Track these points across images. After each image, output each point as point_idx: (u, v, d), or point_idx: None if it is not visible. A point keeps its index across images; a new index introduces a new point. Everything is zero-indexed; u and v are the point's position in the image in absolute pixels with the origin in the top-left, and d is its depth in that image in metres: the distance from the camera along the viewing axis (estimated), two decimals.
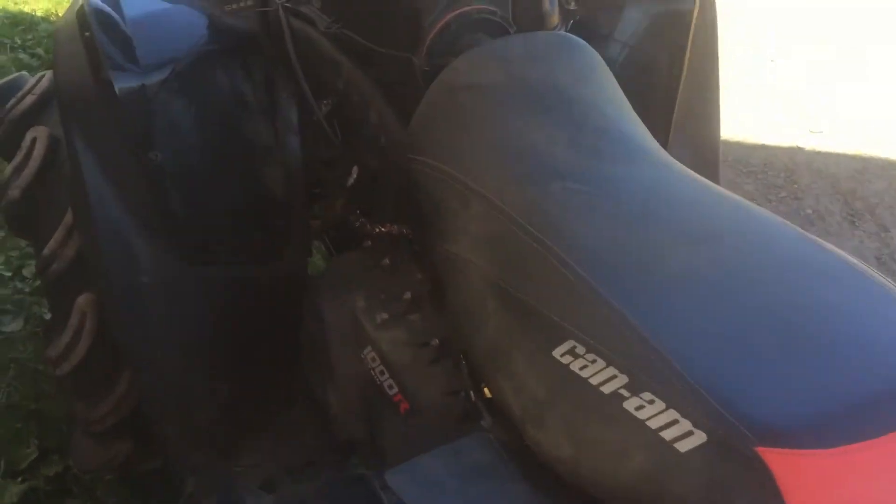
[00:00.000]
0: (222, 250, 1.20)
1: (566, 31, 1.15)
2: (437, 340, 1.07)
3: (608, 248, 0.78)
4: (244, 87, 1.19)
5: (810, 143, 2.71)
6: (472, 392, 0.95)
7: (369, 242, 1.27)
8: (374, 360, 1.11)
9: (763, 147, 2.69)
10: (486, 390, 0.94)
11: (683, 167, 0.92)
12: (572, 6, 1.16)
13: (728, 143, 2.65)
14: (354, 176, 1.25)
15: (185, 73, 1.12)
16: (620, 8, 1.35)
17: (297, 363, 1.32)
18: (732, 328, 0.68)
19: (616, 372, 0.68)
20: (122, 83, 1.07)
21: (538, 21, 1.09)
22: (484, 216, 0.89)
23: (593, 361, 0.70)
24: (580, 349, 0.71)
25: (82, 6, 1.09)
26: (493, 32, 1.04)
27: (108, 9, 1.09)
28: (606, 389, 0.68)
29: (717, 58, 1.44)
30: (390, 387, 1.08)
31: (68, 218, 1.22)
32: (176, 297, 1.19)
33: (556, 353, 0.73)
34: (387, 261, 1.19)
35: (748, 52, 3.20)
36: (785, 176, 2.56)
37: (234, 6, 1.19)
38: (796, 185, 2.52)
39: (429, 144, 0.98)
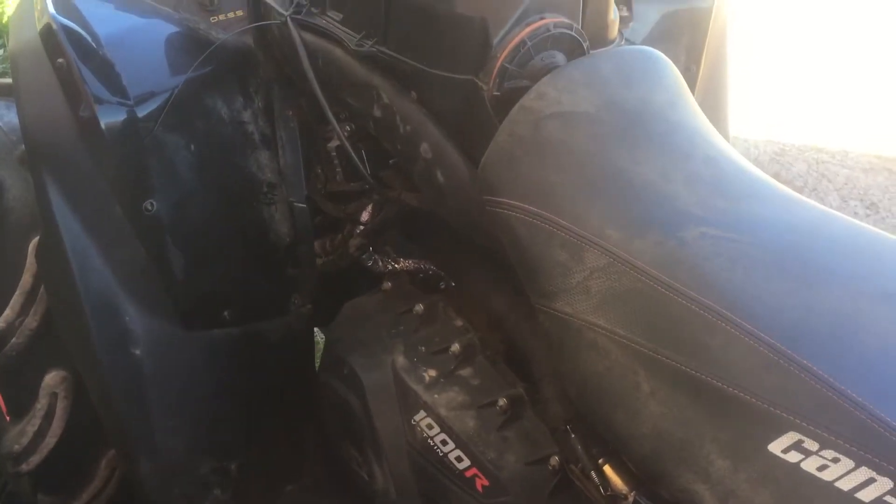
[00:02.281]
0: (227, 309, 1.01)
1: (623, 40, 1.03)
2: (504, 400, 0.94)
3: (792, 310, 0.67)
4: (244, 115, 1.00)
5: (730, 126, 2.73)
6: (590, 471, 0.82)
7: (388, 284, 1.11)
8: (430, 427, 0.96)
9: None
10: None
11: (805, 198, 0.83)
12: (625, 12, 1.04)
13: None
14: (370, 211, 1.09)
15: (179, 104, 0.92)
16: (635, 6, 1.25)
17: (307, 427, 1.15)
18: None
19: (873, 474, 0.57)
20: (109, 119, 0.87)
21: (604, 32, 0.95)
22: (606, 270, 0.75)
23: (835, 460, 0.59)
24: (810, 444, 0.60)
25: (48, 25, 0.87)
26: (567, 50, 0.89)
27: (78, 28, 0.88)
28: (865, 497, 0.57)
29: (728, 56, 1.37)
30: (459, 459, 0.93)
31: (26, 280, 0.99)
32: (174, 369, 1.00)
33: (775, 448, 0.61)
34: (420, 306, 1.04)
35: None
36: None
37: (222, 17, 1.00)
38: None
39: (514, 184, 0.83)
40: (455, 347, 0.99)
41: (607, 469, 0.81)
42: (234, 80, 0.99)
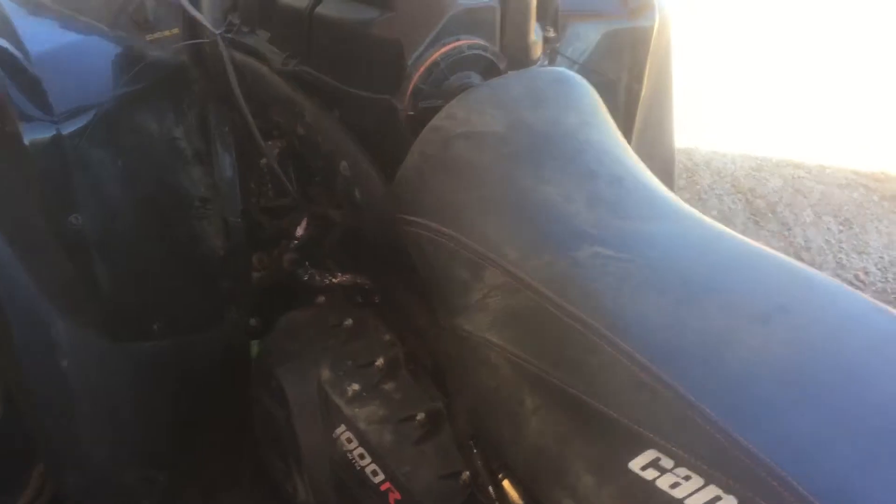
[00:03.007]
0: (155, 321, 1.03)
1: (547, 61, 1.04)
2: (422, 415, 0.95)
3: (668, 330, 0.68)
4: (175, 132, 1.01)
5: (707, 141, 2.75)
6: (489, 486, 0.83)
7: (322, 298, 1.13)
8: (349, 440, 0.97)
9: None
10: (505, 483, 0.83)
11: (707, 218, 0.84)
12: (551, 33, 1.05)
13: None
14: (305, 225, 1.10)
15: (107, 120, 0.94)
16: (576, 26, 1.26)
17: (241, 439, 1.16)
18: (843, 430, 0.60)
19: (720, 492, 0.58)
20: (33, 135, 0.89)
21: (525, 53, 0.97)
22: (503, 288, 0.77)
23: (687, 478, 0.60)
24: (666, 461, 0.61)
25: None
26: (483, 70, 0.91)
27: (7, 45, 0.90)
28: None
29: (672, 74, 1.39)
30: (374, 473, 0.95)
31: None
32: (102, 381, 1.01)
33: (634, 465, 0.62)
34: (349, 321, 1.06)
35: None
36: (686, 177, 2.57)
37: (158, 35, 1.02)
38: (698, 186, 2.54)
39: (423, 202, 0.85)
40: (380, 361, 1.00)
41: (505, 484, 0.82)
42: (166, 97, 1.01)
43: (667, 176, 1.43)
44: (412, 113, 0.88)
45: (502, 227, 0.80)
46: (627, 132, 1.31)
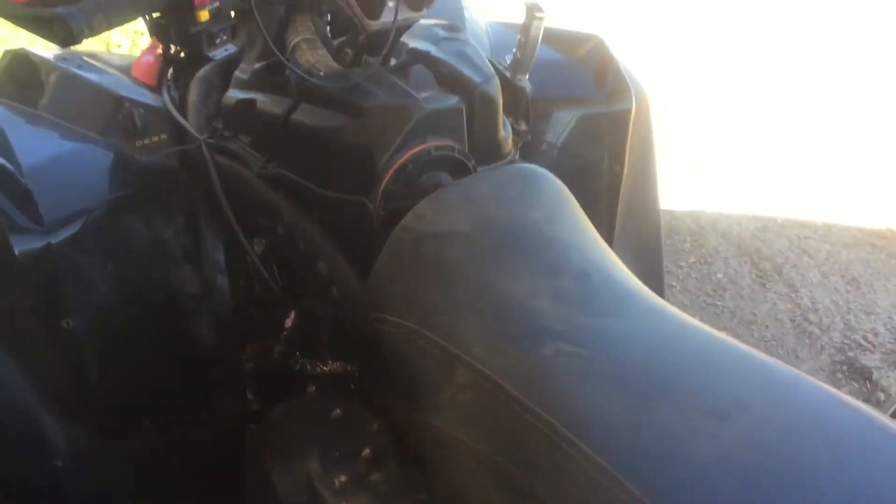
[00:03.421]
0: (148, 417, 1.06)
1: (518, 153, 1.07)
2: None
3: (626, 429, 0.70)
4: (165, 233, 1.05)
5: (712, 204, 2.76)
6: None
7: (312, 388, 1.15)
8: None
9: (666, 211, 2.72)
10: None
11: (674, 309, 0.85)
12: (522, 127, 1.08)
13: None
14: (293, 318, 1.13)
15: (96, 226, 0.98)
16: (554, 114, 1.30)
17: None
18: None
19: None
20: (24, 246, 0.93)
21: (495, 149, 1.01)
22: (472, 387, 0.79)
23: None
24: None
25: None
26: (452, 169, 0.94)
27: (2, 160, 0.94)
28: None
29: (654, 152, 1.42)
30: None
31: None
32: (98, 478, 1.04)
33: None
34: (337, 411, 1.08)
35: None
36: (691, 241, 2.58)
37: (147, 141, 1.06)
38: (704, 249, 2.55)
39: (395, 301, 0.88)
40: (366, 452, 1.02)
41: None
42: (155, 201, 1.05)
43: (654, 254, 1.45)
44: (384, 213, 0.91)
45: (471, 326, 0.82)
46: (611, 213, 1.34)
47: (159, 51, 1.12)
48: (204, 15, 0.78)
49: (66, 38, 0.69)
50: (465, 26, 1.32)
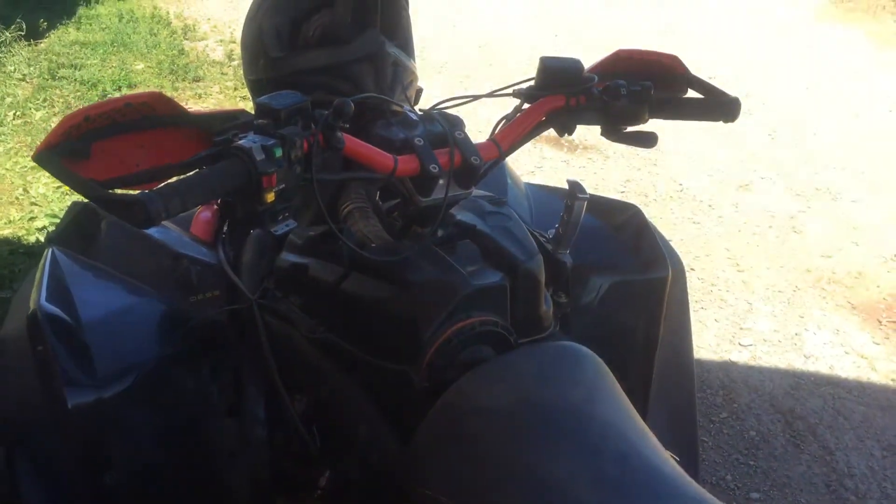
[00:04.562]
0: None
1: (558, 325, 1.10)
2: None
3: None
4: (210, 389, 1.08)
5: (742, 357, 2.75)
6: None
7: None
8: None
9: (698, 362, 2.71)
10: None
11: (707, 495, 0.86)
12: (563, 299, 1.12)
13: None
14: (327, 477, 1.14)
15: (146, 381, 1.01)
16: (592, 280, 1.33)
17: None
18: None
19: None
20: (76, 400, 0.96)
21: (537, 323, 1.04)
22: None
23: None
24: None
25: (34, 312, 0.98)
26: (495, 344, 0.97)
27: (62, 314, 0.99)
28: None
29: (690, 320, 1.44)
30: None
31: None
32: None
33: None
34: None
35: None
36: (723, 395, 2.56)
37: (201, 297, 1.11)
38: (736, 405, 2.52)
39: (434, 474, 0.89)
40: None
41: None
42: (204, 357, 1.09)
43: (689, 420, 1.45)
44: (427, 385, 0.94)
45: None
46: (646, 378, 1.35)
47: (216, 206, 1.18)
48: (270, 196, 0.83)
49: (145, 221, 0.74)
50: (507, 194, 1.38)
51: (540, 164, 4.17)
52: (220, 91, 4.81)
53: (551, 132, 1.18)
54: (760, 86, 5.34)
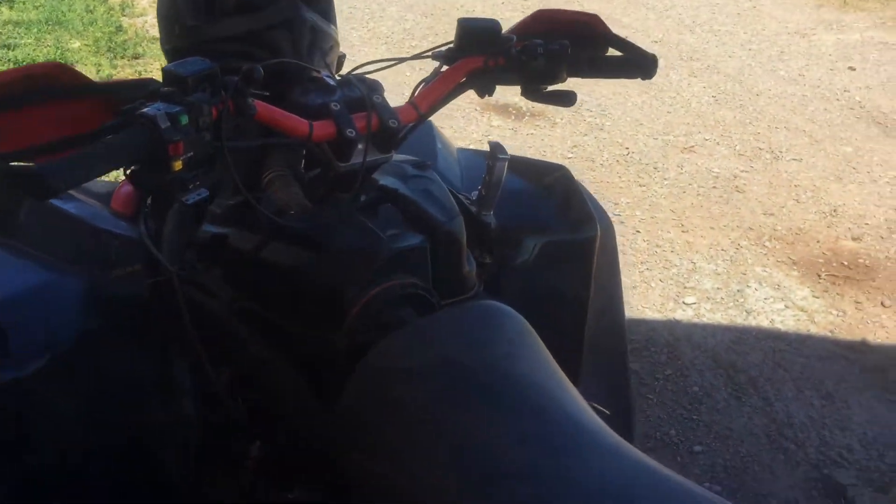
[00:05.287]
0: None
1: (482, 285, 1.11)
2: None
3: None
4: (135, 363, 1.07)
5: (686, 314, 2.80)
6: None
7: None
8: None
9: (643, 322, 2.75)
10: None
11: (631, 448, 0.87)
12: (487, 260, 1.12)
13: None
14: (258, 447, 1.14)
15: (66, 359, 1.00)
16: (520, 241, 1.34)
17: None
18: None
19: None
20: None
21: (459, 283, 1.04)
22: None
23: None
24: None
25: None
26: (417, 306, 0.97)
27: None
28: None
29: (620, 280, 1.46)
30: None
31: None
32: None
33: None
34: None
35: None
36: (668, 353, 2.60)
37: (121, 271, 1.09)
38: (680, 362, 2.57)
39: (358, 437, 0.89)
40: None
41: None
42: (127, 331, 1.07)
43: (622, 379, 1.48)
44: (349, 349, 0.94)
45: (432, 471, 0.84)
46: (578, 339, 1.36)
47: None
48: (178, 165, 0.82)
49: (44, 192, 0.72)
50: (435, 158, 1.37)
51: (488, 132, 4.17)
52: (161, 68, 4.72)
53: (501, 100, 1.18)
54: (704, 48, 5.40)
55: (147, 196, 1.16)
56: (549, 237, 1.35)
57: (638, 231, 3.33)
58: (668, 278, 3.02)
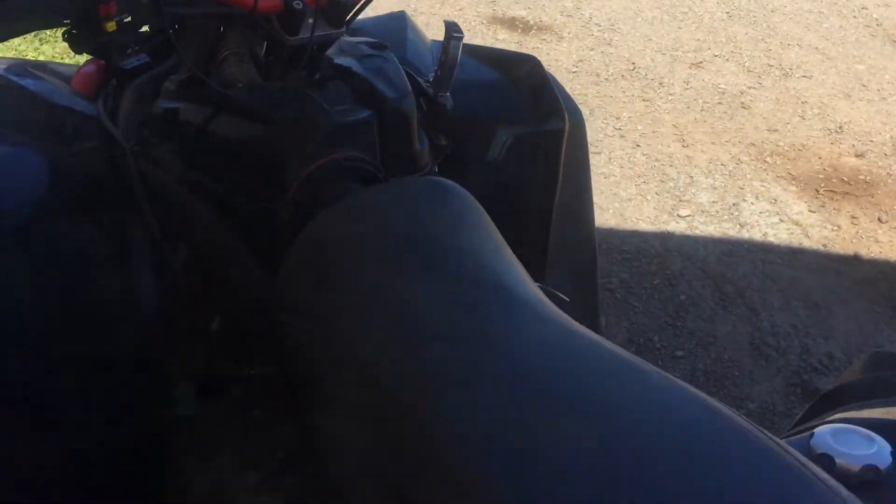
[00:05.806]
0: (71, 417, 1.09)
1: (436, 168, 1.11)
2: None
3: (490, 424, 0.73)
4: (91, 238, 1.09)
5: (679, 227, 2.79)
6: None
7: (237, 390, 1.18)
8: None
9: (635, 233, 2.75)
10: None
11: (565, 317, 0.88)
12: (443, 141, 1.12)
13: (602, 230, 2.71)
14: (217, 322, 1.16)
15: (19, 229, 1.01)
16: (490, 131, 1.33)
17: None
18: None
19: None
20: None
21: (409, 163, 1.04)
22: (357, 387, 0.82)
23: None
24: None
25: None
26: (362, 180, 0.98)
27: None
28: None
29: (589, 172, 1.45)
30: None
31: None
32: (13, 472, 1.06)
33: None
34: (256, 412, 1.11)
35: None
36: (657, 263, 2.61)
37: (78, 147, 1.10)
38: (669, 272, 2.57)
39: (296, 302, 0.91)
40: (280, 454, 1.05)
41: None
42: (83, 206, 1.09)
43: (589, 275, 1.48)
44: (292, 220, 0.95)
45: (361, 329, 0.86)
46: (544, 233, 1.37)
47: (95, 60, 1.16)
48: (111, 26, 0.82)
49: None
50: (405, 47, 1.36)
51: (493, 45, 4.11)
52: None
53: (508, 13, 1.16)
54: None
55: (110, 76, 1.16)
56: (517, 128, 1.34)
57: (638, 145, 3.30)
58: (664, 192, 3.01)
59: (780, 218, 2.86)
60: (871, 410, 0.97)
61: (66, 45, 0.96)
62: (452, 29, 1.10)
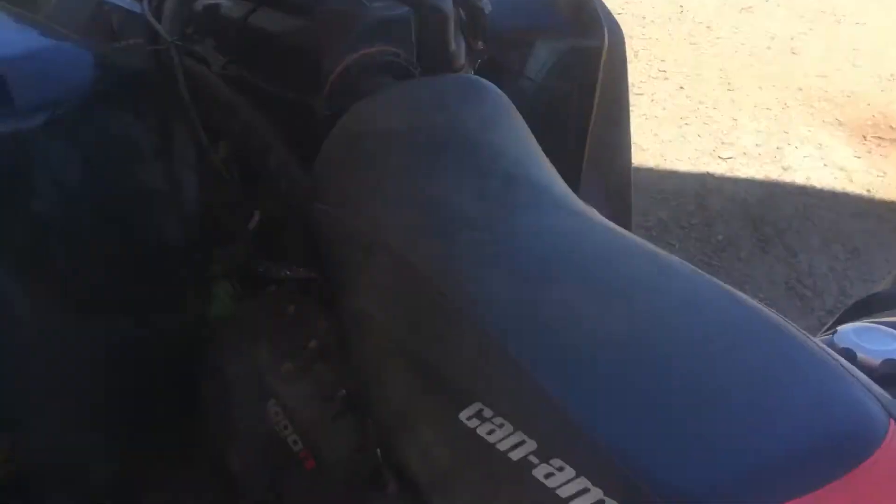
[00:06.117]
0: (111, 304, 1.13)
1: (473, 71, 1.12)
2: (343, 392, 1.02)
3: (516, 305, 0.75)
4: (135, 130, 1.12)
5: (720, 168, 2.77)
6: (379, 453, 0.90)
7: (273, 287, 1.21)
8: (277, 414, 1.05)
9: (675, 173, 2.73)
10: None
11: (595, 213, 0.90)
12: (480, 46, 1.12)
13: (641, 169, 2.69)
14: (256, 220, 1.19)
15: (67, 118, 1.04)
16: (529, 45, 1.33)
17: (197, 419, 1.25)
18: (645, 393, 0.65)
19: (524, 437, 0.64)
20: None
21: (444, 62, 1.05)
22: (388, 269, 0.85)
23: (501, 426, 0.66)
24: (487, 412, 0.67)
25: None
26: (397, 75, 0.99)
27: None
28: (514, 456, 0.64)
29: (628, 92, 1.44)
30: (295, 442, 1.02)
31: None
32: (62, 355, 1.11)
33: (463, 416, 0.69)
34: (291, 308, 1.14)
35: None
36: (696, 203, 2.59)
37: (123, 44, 1.13)
38: (708, 212, 2.56)
39: (331, 192, 0.93)
40: (313, 344, 1.08)
41: None
42: (127, 99, 1.12)
43: (624, 201, 1.48)
44: (328, 113, 0.97)
45: (395, 216, 0.88)
46: (580, 147, 1.37)
47: None
48: None
49: None
50: None
51: None
52: None
53: None
54: None
55: None
56: (555, 43, 1.34)
57: (682, 87, 3.25)
58: (706, 134, 2.97)
59: (824, 163, 2.81)
60: None
61: None
62: None
